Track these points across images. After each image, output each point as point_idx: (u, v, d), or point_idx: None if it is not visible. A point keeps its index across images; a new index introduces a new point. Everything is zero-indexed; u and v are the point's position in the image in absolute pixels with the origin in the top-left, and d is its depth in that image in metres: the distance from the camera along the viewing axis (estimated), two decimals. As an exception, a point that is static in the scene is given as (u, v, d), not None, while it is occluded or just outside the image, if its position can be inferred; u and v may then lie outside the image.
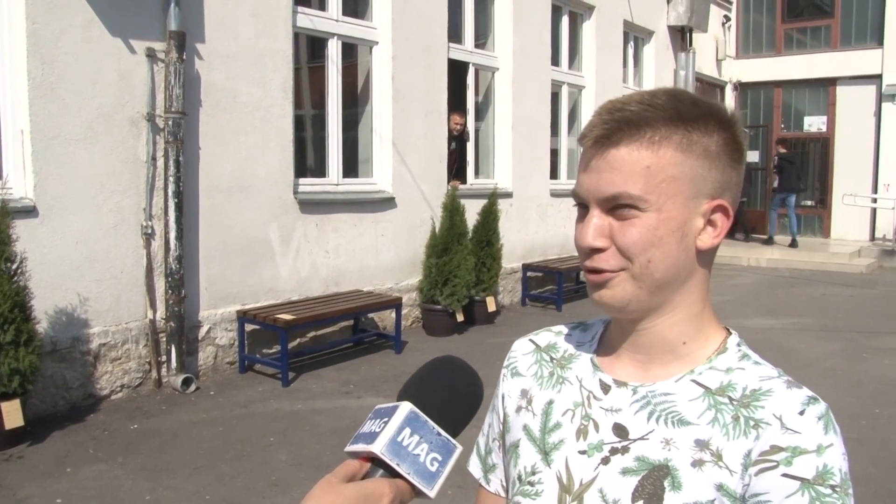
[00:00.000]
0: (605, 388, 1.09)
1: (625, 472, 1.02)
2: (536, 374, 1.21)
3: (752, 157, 18.48)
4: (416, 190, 8.54)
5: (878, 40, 16.82)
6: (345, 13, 7.87)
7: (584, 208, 1.06)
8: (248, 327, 6.70)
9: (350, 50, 8.33)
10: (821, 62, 17.51)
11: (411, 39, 8.40)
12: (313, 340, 7.39)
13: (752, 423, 0.97)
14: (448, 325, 8.17)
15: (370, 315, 7.91)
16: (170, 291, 6.07)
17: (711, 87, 17.49)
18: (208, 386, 6.29)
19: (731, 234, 15.24)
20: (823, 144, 17.69)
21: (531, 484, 1.11)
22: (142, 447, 4.95)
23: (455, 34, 9.31)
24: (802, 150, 18.02)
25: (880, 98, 16.74)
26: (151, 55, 5.91)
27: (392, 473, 0.88)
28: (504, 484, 1.25)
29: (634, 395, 1.06)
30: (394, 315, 7.62)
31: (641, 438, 1.03)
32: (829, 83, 17.54)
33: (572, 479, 1.07)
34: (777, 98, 18.29)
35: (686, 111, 1.01)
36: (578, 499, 1.05)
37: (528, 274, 10.30)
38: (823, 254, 15.14)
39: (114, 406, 5.71)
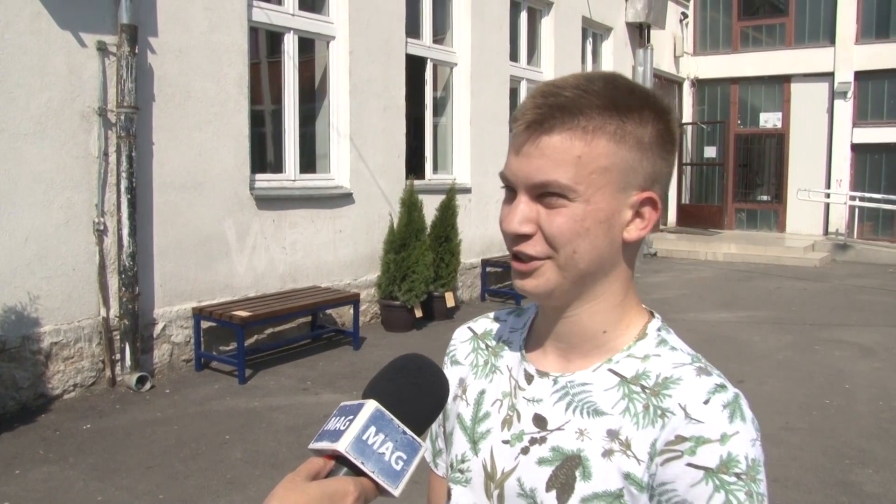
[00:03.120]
0: (529, 379, 1.11)
1: (541, 461, 1.03)
2: (473, 362, 1.23)
3: (710, 152, 18.71)
4: (374, 185, 8.51)
5: (831, 39, 17.11)
6: (301, 7, 7.81)
7: (511, 191, 1.04)
8: (205, 324, 6.63)
9: (307, 45, 8.27)
10: (776, 59, 17.77)
11: (369, 34, 8.37)
12: (271, 337, 7.34)
13: (659, 412, 0.97)
14: (407, 321, 8.16)
15: (328, 311, 7.87)
16: (123, 289, 5.98)
17: (669, 83, 17.66)
18: (163, 384, 6.21)
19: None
20: (779, 140, 17.96)
21: (461, 471, 1.14)
22: (94, 447, 4.87)
23: (413, 29, 9.29)
24: (759, 146, 18.29)
25: (832, 95, 17.03)
26: (102, 49, 5.81)
27: (356, 472, 0.87)
28: None
29: (555, 385, 1.07)
30: (352, 311, 7.59)
31: (558, 429, 1.04)
32: (784, 80, 17.80)
33: (496, 467, 1.09)
34: (734, 94, 18.51)
35: (622, 99, 0.99)
36: (500, 487, 1.08)
37: (488, 269, 10.32)
38: (779, 248, 15.38)
39: (66, 406, 5.61)
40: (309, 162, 8.28)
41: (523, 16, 11.55)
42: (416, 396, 0.94)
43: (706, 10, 18.81)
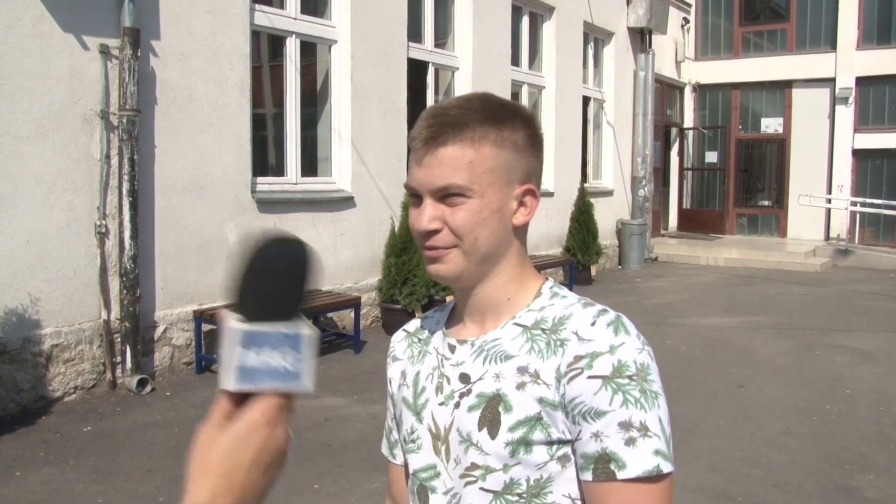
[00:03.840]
0: (452, 349, 1.29)
1: (470, 408, 1.20)
2: (409, 355, 1.40)
3: (711, 157, 18.73)
4: (374, 189, 8.52)
5: (832, 44, 17.12)
6: (303, 11, 7.83)
7: (417, 198, 1.22)
8: (206, 327, 6.63)
9: (309, 48, 8.29)
10: (777, 65, 17.78)
11: (370, 38, 8.39)
12: (271, 340, 7.32)
13: (558, 342, 1.15)
14: (407, 325, 8.15)
15: (329, 314, 7.88)
16: (124, 291, 5.99)
17: (671, 88, 17.68)
18: (164, 387, 6.22)
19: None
20: (780, 145, 17.96)
21: (413, 441, 1.31)
22: (94, 450, 4.88)
23: (415, 34, 9.31)
24: (760, 151, 18.31)
25: (834, 101, 17.03)
26: (105, 52, 5.83)
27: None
28: None
29: (472, 347, 1.25)
30: (353, 314, 7.59)
31: (479, 379, 1.21)
32: (786, 85, 17.81)
33: (438, 427, 1.26)
34: (735, 99, 18.52)
35: (496, 112, 1.20)
36: (445, 441, 1.25)
37: (488, 273, 10.30)
38: (780, 253, 15.37)
39: (66, 408, 5.62)
40: (310, 165, 8.29)
41: (525, 20, 11.57)
42: (278, 284, 0.86)
43: (707, 16, 18.82)
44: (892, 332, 8.93)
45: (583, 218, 12.10)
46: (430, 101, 9.72)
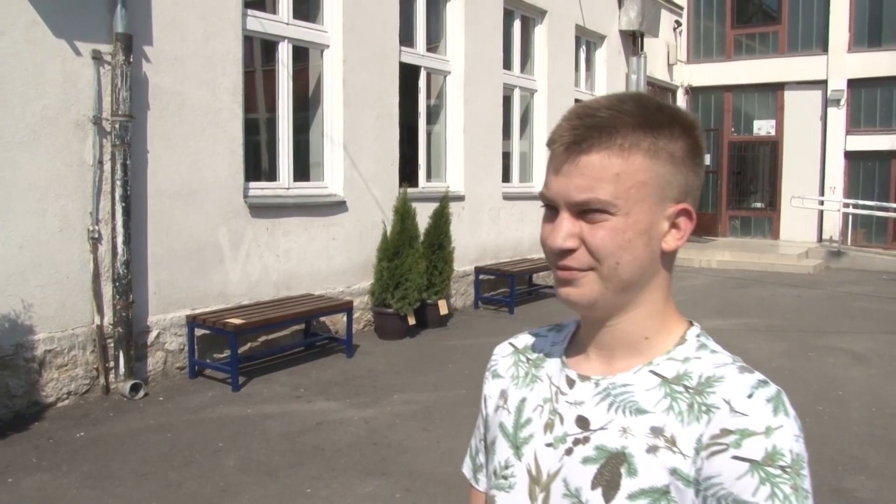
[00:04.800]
0: (571, 383, 1.14)
1: (585, 461, 1.06)
2: (514, 374, 1.26)
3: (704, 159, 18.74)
4: (367, 194, 8.53)
5: (824, 47, 17.20)
6: (296, 16, 7.84)
7: (552, 209, 1.08)
8: (198, 332, 6.64)
9: (301, 53, 8.30)
10: (769, 67, 17.87)
11: (363, 43, 8.40)
12: (264, 345, 7.34)
13: (704, 408, 0.99)
14: (400, 329, 8.18)
15: (322, 319, 7.88)
16: (117, 296, 5.99)
17: (663, 91, 17.72)
18: (157, 392, 6.22)
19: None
20: (773, 148, 18.04)
21: (504, 478, 1.16)
22: (87, 455, 4.88)
23: (407, 38, 9.33)
24: (752, 153, 18.37)
25: (826, 103, 17.11)
26: (97, 57, 5.83)
27: None
28: None
29: (597, 388, 1.10)
30: (345, 318, 7.61)
31: (601, 428, 1.06)
32: (778, 88, 17.89)
33: (540, 470, 1.11)
34: (727, 102, 18.59)
35: (652, 117, 1.04)
36: (546, 489, 1.10)
37: (481, 277, 10.34)
38: (773, 255, 15.43)
39: (59, 414, 5.62)
40: (303, 170, 8.30)
41: (517, 24, 11.60)
42: None
43: (700, 19, 18.89)
44: (884, 334, 8.98)
45: (576, 221, 12.08)
46: (421, 105, 9.75)
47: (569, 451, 1.08)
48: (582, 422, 1.09)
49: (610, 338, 1.11)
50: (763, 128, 18.23)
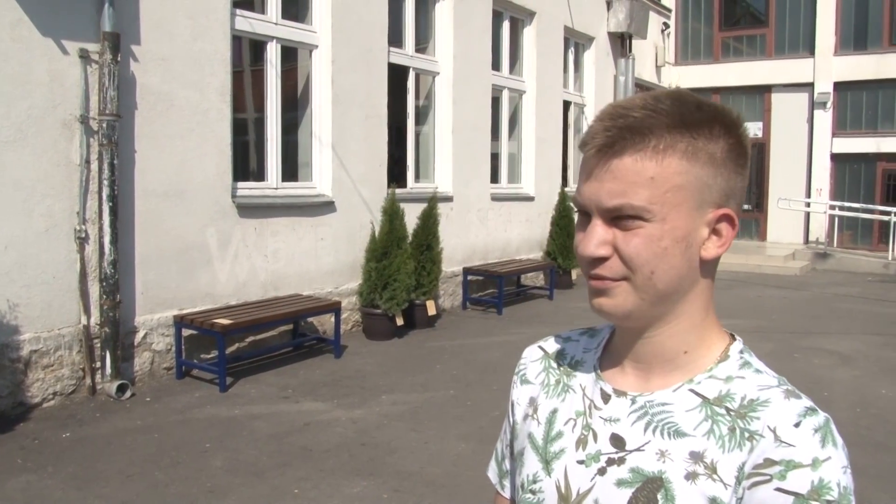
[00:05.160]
0: (606, 398, 1.08)
1: (620, 483, 1.01)
2: (544, 381, 1.20)
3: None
4: (355, 194, 8.52)
5: (810, 50, 17.31)
6: (284, 17, 7.82)
7: (585, 216, 1.03)
8: (186, 332, 6.62)
9: (290, 53, 8.29)
10: (756, 70, 17.97)
11: (351, 43, 8.40)
12: (252, 345, 7.33)
13: (746, 434, 0.95)
14: (388, 329, 8.18)
15: (310, 319, 7.87)
16: (104, 296, 5.97)
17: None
18: (144, 392, 6.19)
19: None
20: (760, 150, 18.12)
21: (532, 492, 1.11)
22: (73, 456, 4.85)
23: (396, 38, 9.33)
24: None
25: (812, 105, 17.22)
26: (85, 56, 5.81)
27: None
28: None
29: (633, 405, 1.05)
30: (333, 319, 7.60)
31: (637, 450, 1.01)
32: (765, 90, 18.00)
33: (570, 488, 1.06)
34: (715, 104, 18.63)
35: (690, 116, 0.98)
36: None
37: (469, 278, 10.35)
38: (760, 256, 15.51)
39: (45, 414, 5.59)
40: (291, 170, 8.29)
41: (505, 25, 11.62)
42: None
43: (687, 21, 18.98)
44: (869, 335, 9.03)
45: (563, 222, 12.14)
46: (410, 106, 9.75)
47: (602, 471, 1.03)
48: (617, 441, 1.04)
49: (646, 350, 1.05)
50: (750, 130, 18.29)
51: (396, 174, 9.52)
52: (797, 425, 0.92)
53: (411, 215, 8.69)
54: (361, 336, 8.31)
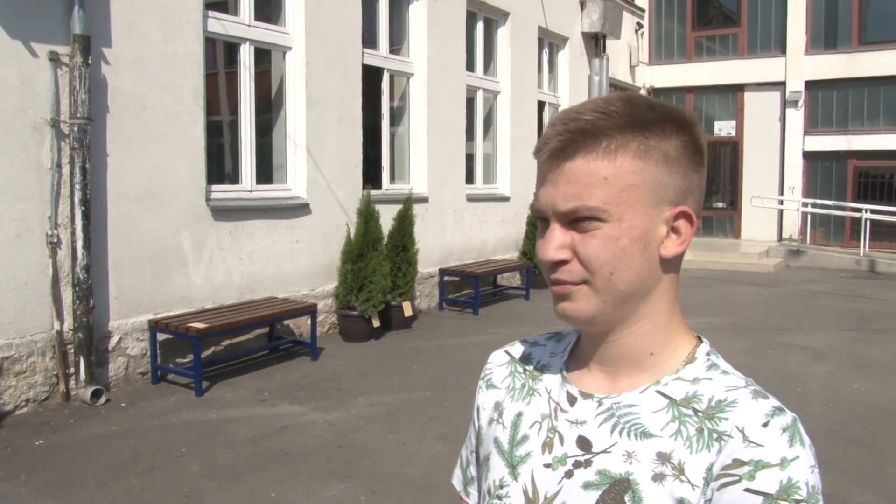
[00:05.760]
0: (572, 400, 1.07)
1: (587, 485, 1.00)
2: (510, 386, 1.19)
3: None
4: (331, 196, 8.51)
5: (782, 49, 17.48)
6: (257, 18, 7.79)
7: (544, 221, 1.02)
8: (161, 337, 6.57)
9: (264, 55, 8.26)
10: (729, 69, 18.12)
11: (325, 45, 8.38)
12: (228, 349, 7.29)
13: (715, 435, 0.94)
14: (364, 331, 8.17)
15: (286, 322, 7.85)
16: (77, 301, 5.92)
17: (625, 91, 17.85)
18: (119, 397, 6.15)
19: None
20: (733, 148, 18.29)
21: (499, 497, 1.10)
22: (47, 463, 4.81)
23: (370, 40, 9.32)
24: (714, 154, 18.61)
25: (784, 104, 17.39)
26: (55, 59, 5.75)
27: None
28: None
29: (599, 406, 1.04)
30: (310, 321, 7.57)
31: (604, 451, 1.01)
32: (738, 89, 18.16)
33: (537, 492, 1.05)
34: (689, 103, 18.78)
35: (642, 116, 0.98)
36: None
37: (445, 278, 10.35)
38: (734, 254, 15.63)
39: (18, 422, 5.53)
40: (266, 173, 8.25)
41: (479, 26, 11.64)
42: None
43: (661, 21, 19.10)
44: (842, 331, 9.14)
45: (539, 222, 12.14)
46: (384, 107, 9.74)
47: (569, 474, 1.02)
48: (583, 443, 1.03)
49: (612, 352, 1.04)
50: (724, 129, 18.47)
51: (372, 176, 9.51)
52: (765, 425, 0.92)
53: (387, 217, 8.68)
54: (338, 338, 8.30)
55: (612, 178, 0.96)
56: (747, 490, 0.89)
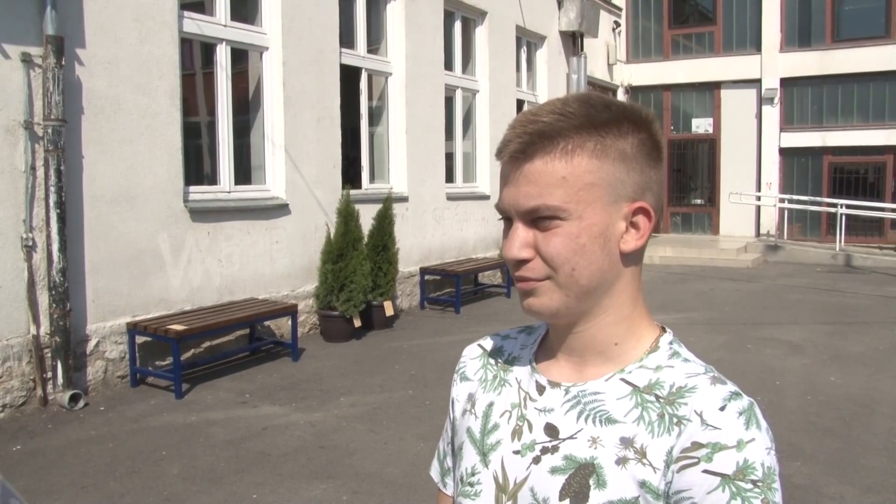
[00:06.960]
0: (541, 389, 1.11)
1: (553, 470, 1.03)
2: (482, 377, 1.24)
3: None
4: (310, 196, 8.48)
5: (757, 47, 17.61)
6: (233, 18, 7.75)
7: (508, 221, 1.06)
8: (140, 339, 6.53)
9: (240, 56, 8.22)
10: (706, 67, 18.24)
11: (302, 45, 8.35)
12: (208, 350, 7.25)
13: (675, 419, 0.97)
14: (345, 331, 8.15)
15: (266, 323, 7.82)
16: (54, 305, 5.86)
17: (604, 90, 17.93)
18: (98, 401, 6.10)
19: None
20: (711, 145, 18.40)
21: (471, 484, 1.13)
22: (25, 469, 4.76)
23: (347, 39, 9.30)
24: (692, 151, 18.73)
25: (760, 101, 17.52)
26: (27, 60, 5.70)
27: None
28: None
29: (567, 395, 1.07)
30: (290, 322, 7.55)
31: (570, 437, 1.04)
32: (715, 87, 18.27)
33: (507, 478, 1.09)
34: (666, 101, 18.90)
35: (598, 116, 1.01)
36: (513, 498, 1.07)
37: (426, 277, 10.35)
38: (713, 250, 15.73)
39: (-5, 426, 5.48)
40: (244, 173, 8.22)
41: (457, 25, 11.64)
42: None
43: (638, 19, 19.18)
44: (819, 325, 9.21)
45: (519, 220, 12.16)
46: (363, 107, 9.72)
47: (536, 460, 1.06)
48: (551, 430, 1.07)
49: (578, 343, 1.08)
50: (701, 126, 18.59)
51: (351, 175, 9.49)
52: (722, 409, 0.95)
53: (366, 216, 8.67)
54: (319, 338, 8.27)
55: (571, 178, 0.99)
56: (705, 472, 0.92)
